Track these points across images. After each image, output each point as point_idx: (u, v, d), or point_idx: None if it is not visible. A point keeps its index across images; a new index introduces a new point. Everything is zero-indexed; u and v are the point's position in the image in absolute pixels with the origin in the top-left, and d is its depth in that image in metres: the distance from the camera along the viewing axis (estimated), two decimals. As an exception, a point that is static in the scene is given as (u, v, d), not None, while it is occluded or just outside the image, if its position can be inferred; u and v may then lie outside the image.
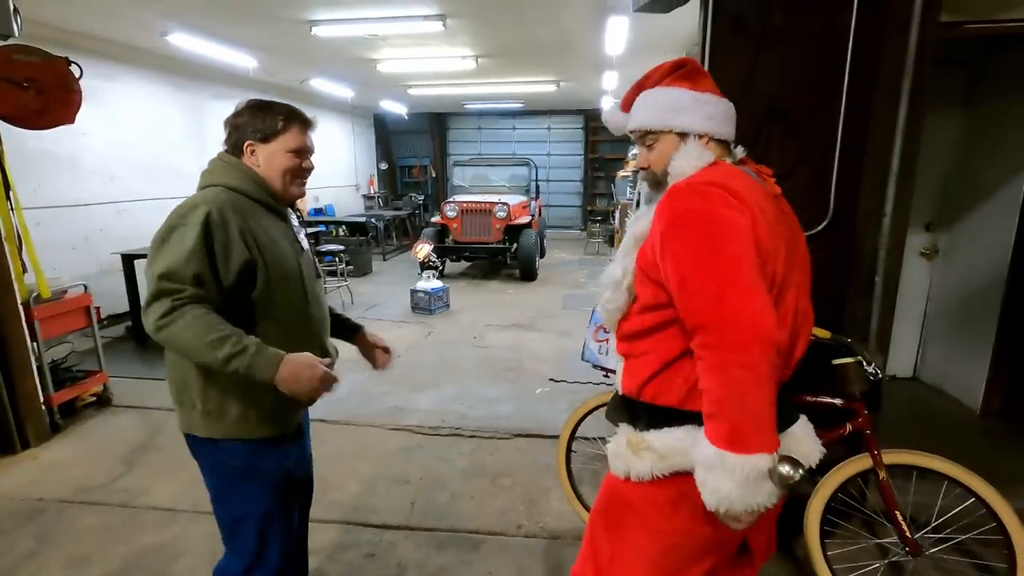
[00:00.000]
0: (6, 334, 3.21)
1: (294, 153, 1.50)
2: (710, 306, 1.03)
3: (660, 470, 1.19)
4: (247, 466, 1.51)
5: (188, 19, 5.07)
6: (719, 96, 1.26)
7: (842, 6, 2.21)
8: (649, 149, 1.29)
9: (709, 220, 1.07)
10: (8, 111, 2.98)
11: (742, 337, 1.00)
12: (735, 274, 1.03)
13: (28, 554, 2.45)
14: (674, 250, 1.09)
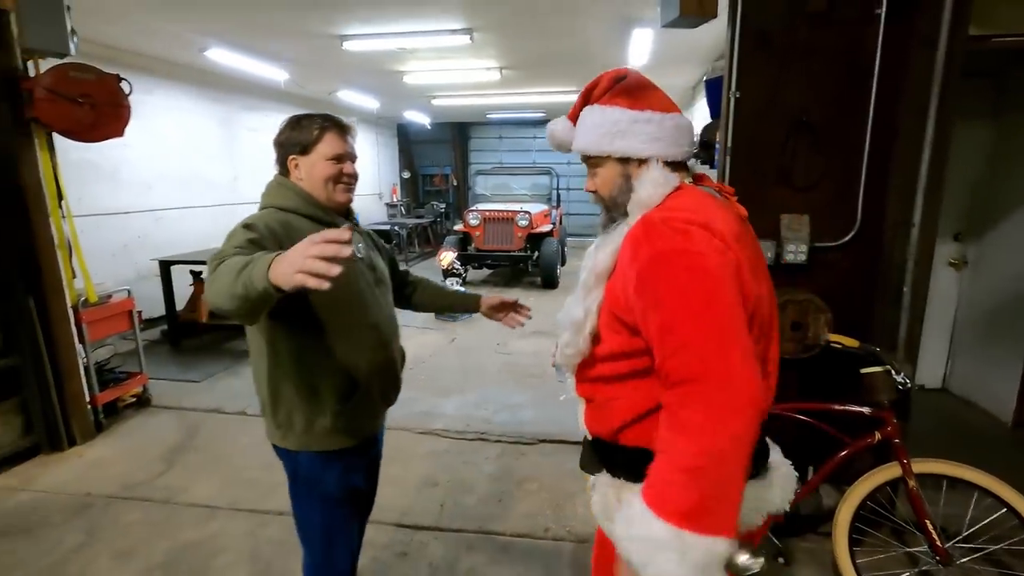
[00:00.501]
0: (56, 336, 3.38)
1: (334, 160, 1.52)
2: (708, 362, 0.89)
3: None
4: (312, 478, 1.57)
5: (226, 36, 5.28)
6: (664, 112, 1.11)
7: (868, 21, 2.25)
8: (595, 174, 1.18)
9: (697, 265, 0.94)
10: (64, 125, 3.15)
11: (739, 401, 0.88)
12: (734, 330, 0.92)
13: (78, 546, 2.57)
14: (658, 296, 0.95)
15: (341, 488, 1.59)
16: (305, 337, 1.46)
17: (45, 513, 2.82)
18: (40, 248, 3.26)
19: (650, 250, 0.97)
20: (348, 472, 1.60)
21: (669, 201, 1.05)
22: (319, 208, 1.53)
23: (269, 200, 1.53)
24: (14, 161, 3.12)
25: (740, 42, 2.37)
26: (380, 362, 1.59)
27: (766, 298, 1.07)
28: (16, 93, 3.06)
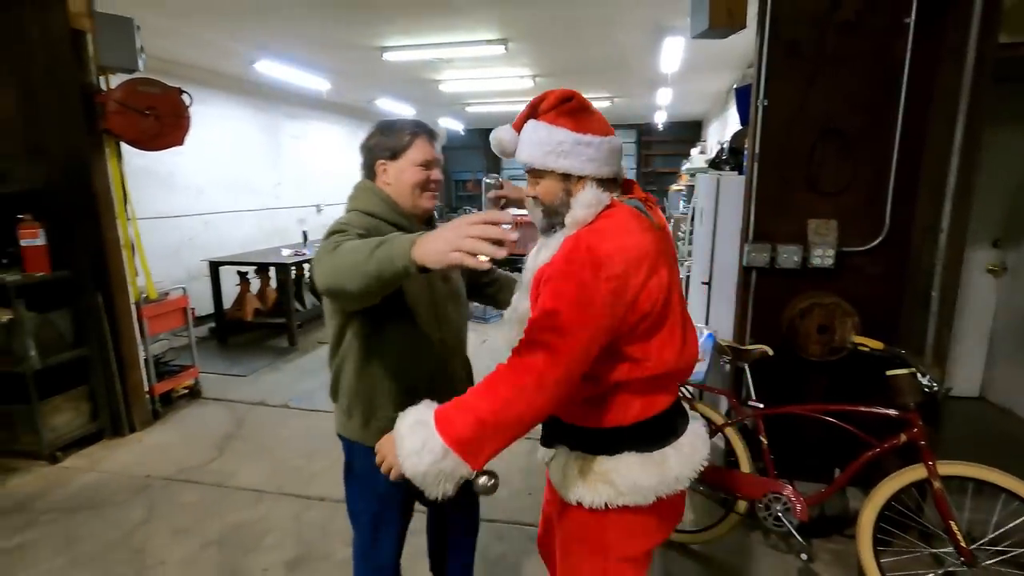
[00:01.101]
0: (120, 330, 3.65)
1: (422, 166, 1.53)
2: (538, 362, 1.06)
3: (615, 504, 1.23)
4: (365, 473, 1.61)
5: (275, 48, 5.57)
6: (602, 136, 1.23)
7: (898, 31, 2.30)
8: (537, 182, 1.28)
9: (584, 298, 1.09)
10: (132, 136, 3.43)
11: (539, 402, 1.06)
12: (573, 352, 1.07)
13: (140, 522, 2.80)
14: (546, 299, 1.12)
15: (392, 487, 1.57)
16: (371, 341, 1.51)
17: (110, 492, 3.06)
18: (108, 248, 3.54)
19: (562, 266, 1.13)
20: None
21: (599, 221, 1.19)
22: (403, 216, 1.54)
23: (356, 204, 1.55)
24: (88, 169, 3.40)
25: (769, 51, 2.44)
26: (441, 376, 1.62)
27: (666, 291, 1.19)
28: (91, 106, 3.34)
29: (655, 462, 1.25)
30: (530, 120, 1.27)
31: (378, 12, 4.49)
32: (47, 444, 3.31)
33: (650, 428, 1.26)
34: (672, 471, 1.25)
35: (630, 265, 1.12)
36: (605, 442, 1.25)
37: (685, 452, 1.29)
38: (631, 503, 1.24)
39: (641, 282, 1.13)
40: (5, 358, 3.25)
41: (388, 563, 1.73)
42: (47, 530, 2.73)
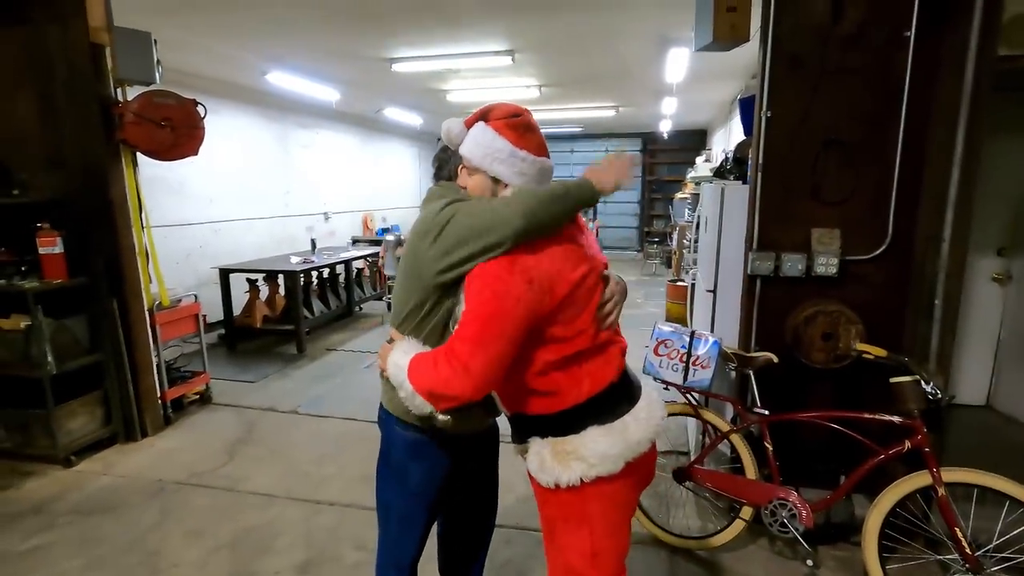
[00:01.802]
0: (134, 337, 3.72)
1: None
2: (464, 350, 1.23)
3: (589, 477, 1.34)
4: (399, 467, 1.61)
5: (287, 59, 5.68)
6: (536, 156, 1.37)
7: (898, 43, 2.34)
8: (468, 175, 1.43)
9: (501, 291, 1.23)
10: (148, 146, 3.51)
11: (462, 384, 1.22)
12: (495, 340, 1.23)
13: (154, 525, 2.84)
14: (468, 299, 1.28)
15: (424, 484, 1.64)
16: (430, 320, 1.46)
17: (124, 495, 3.12)
18: (123, 256, 3.62)
19: (483, 267, 1.27)
20: (435, 470, 1.63)
21: None
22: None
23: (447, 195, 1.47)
24: (105, 178, 3.49)
25: (772, 64, 2.49)
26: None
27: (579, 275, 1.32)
28: (109, 118, 3.43)
29: (617, 431, 1.36)
30: (480, 122, 1.40)
31: (388, 24, 4.58)
32: (62, 448, 3.37)
33: (605, 400, 1.37)
34: (634, 436, 1.37)
35: (542, 258, 1.27)
36: (569, 422, 1.36)
37: (642, 417, 1.40)
38: (604, 472, 1.34)
39: (556, 270, 1.27)
40: (23, 363, 3.32)
41: (408, 563, 1.73)
42: (63, 532, 2.78)
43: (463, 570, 1.98)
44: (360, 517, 2.88)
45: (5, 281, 3.32)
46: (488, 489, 1.92)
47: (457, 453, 1.67)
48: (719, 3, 2.50)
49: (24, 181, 3.48)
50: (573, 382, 1.35)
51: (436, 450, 1.62)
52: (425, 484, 1.65)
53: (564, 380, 1.35)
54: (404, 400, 1.36)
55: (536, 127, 1.41)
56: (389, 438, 1.65)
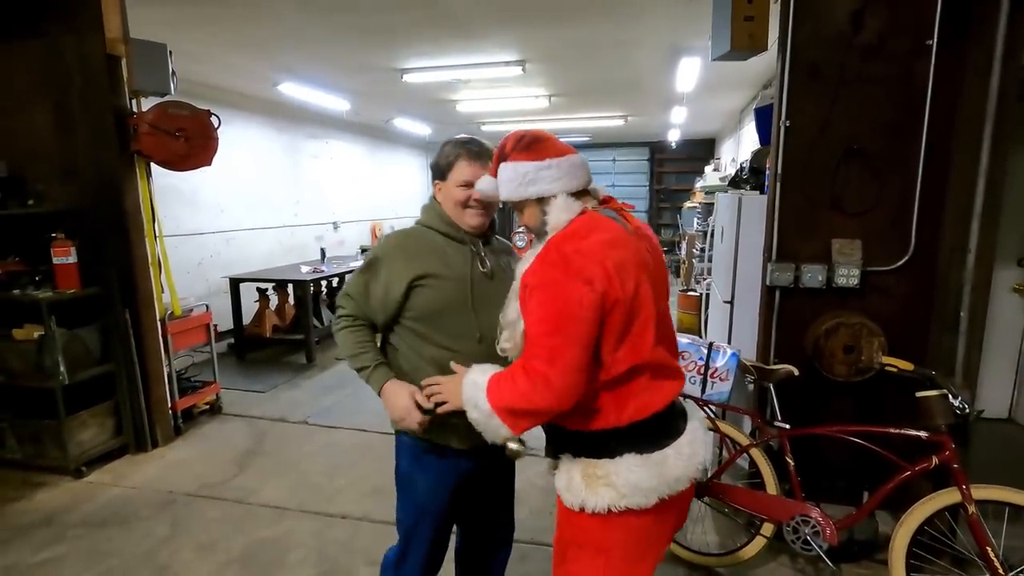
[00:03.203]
0: (146, 347, 3.71)
1: (464, 186, 1.61)
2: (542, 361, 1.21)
3: (617, 507, 1.27)
4: (405, 478, 1.71)
5: (299, 70, 5.71)
6: (560, 156, 1.36)
7: (920, 52, 2.32)
8: (520, 215, 1.45)
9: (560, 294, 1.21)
10: (162, 157, 3.53)
11: (544, 397, 1.20)
12: (568, 345, 1.20)
13: (165, 538, 2.82)
14: (532, 310, 1.25)
15: (427, 494, 1.68)
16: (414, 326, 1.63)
17: (135, 507, 3.09)
18: (136, 266, 3.62)
19: (540, 274, 1.26)
20: (439, 481, 1.66)
21: (571, 226, 1.30)
22: (452, 227, 1.66)
23: (421, 218, 1.73)
24: (119, 189, 3.50)
25: (790, 73, 2.46)
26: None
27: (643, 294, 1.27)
28: (124, 128, 3.45)
29: (655, 463, 1.29)
30: (501, 164, 1.42)
31: (401, 36, 4.60)
32: (73, 459, 3.35)
33: (647, 428, 1.31)
34: (672, 471, 1.30)
35: (594, 259, 1.23)
36: (604, 444, 1.31)
37: (685, 452, 1.33)
38: (633, 505, 1.28)
39: (609, 273, 1.22)
40: (35, 373, 3.32)
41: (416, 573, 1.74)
42: (74, 545, 2.76)
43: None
44: (373, 531, 2.85)
45: (19, 291, 3.33)
46: (504, 506, 1.91)
47: (466, 468, 1.68)
48: (737, 12, 2.49)
49: (39, 191, 3.50)
50: (617, 403, 1.30)
51: (440, 461, 1.66)
52: (430, 496, 1.68)
53: (608, 399, 1.30)
54: (475, 424, 1.32)
55: (543, 135, 1.41)
56: (398, 448, 1.74)
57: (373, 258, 1.65)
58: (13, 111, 3.53)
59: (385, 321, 1.66)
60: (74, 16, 3.36)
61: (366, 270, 1.65)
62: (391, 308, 1.62)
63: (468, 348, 1.60)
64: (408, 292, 1.59)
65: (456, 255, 1.65)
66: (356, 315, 1.66)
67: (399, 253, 1.63)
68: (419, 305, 1.61)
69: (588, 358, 1.23)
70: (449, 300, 1.61)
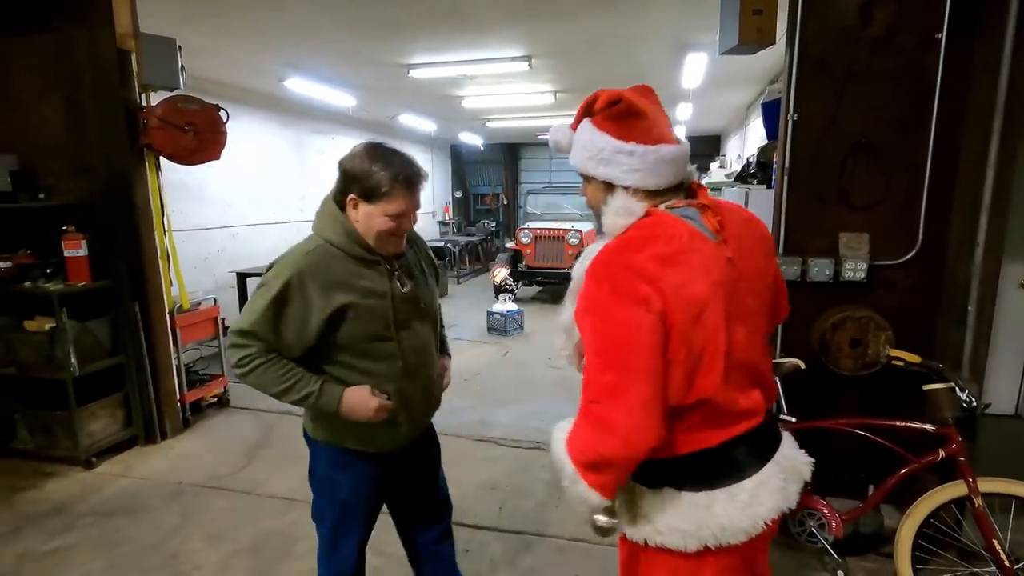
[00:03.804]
0: (155, 340, 3.74)
1: (392, 217, 1.51)
2: (606, 403, 1.04)
3: (655, 543, 1.15)
4: (327, 479, 1.71)
5: (305, 65, 5.73)
6: (648, 144, 1.12)
7: (928, 46, 2.31)
8: (585, 186, 1.25)
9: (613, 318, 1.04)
10: (171, 151, 3.55)
11: (613, 445, 1.03)
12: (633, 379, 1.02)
13: (174, 528, 2.85)
14: (585, 340, 1.10)
15: (351, 494, 1.71)
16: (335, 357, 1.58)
17: (144, 497, 3.13)
18: (146, 259, 3.65)
19: (586, 296, 1.09)
20: (362, 481, 1.71)
21: (629, 232, 1.11)
22: (366, 250, 1.55)
23: (320, 228, 1.58)
24: (129, 182, 3.53)
25: (798, 67, 2.46)
26: (405, 390, 1.65)
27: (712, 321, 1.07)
28: (134, 123, 3.47)
29: (698, 504, 1.12)
30: (584, 119, 1.20)
31: (408, 30, 4.61)
32: (83, 450, 3.39)
33: (694, 465, 1.13)
34: (718, 518, 1.10)
35: (646, 278, 1.03)
36: (648, 474, 1.16)
37: (740, 500, 1.12)
38: (671, 545, 1.13)
39: (664, 295, 1.02)
40: (47, 365, 3.35)
41: (349, 567, 1.78)
42: (85, 534, 2.79)
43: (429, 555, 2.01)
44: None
45: (31, 283, 3.36)
46: (431, 487, 1.95)
47: (385, 467, 1.74)
48: (745, 6, 2.49)
49: (50, 185, 3.54)
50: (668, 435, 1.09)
51: (360, 462, 1.69)
52: (353, 493, 1.71)
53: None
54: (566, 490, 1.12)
55: (642, 109, 1.14)
56: (313, 455, 1.74)
57: (280, 289, 1.47)
58: (24, 105, 3.56)
59: (301, 354, 1.54)
60: (85, 11, 3.39)
61: (271, 305, 1.47)
62: (307, 342, 1.52)
63: (391, 372, 1.61)
64: (326, 325, 1.50)
65: (373, 278, 1.56)
66: (262, 351, 1.51)
67: (311, 281, 1.49)
68: (340, 337, 1.53)
69: (657, 391, 1.02)
70: (370, 329, 1.55)
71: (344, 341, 1.55)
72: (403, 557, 1.99)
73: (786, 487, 1.17)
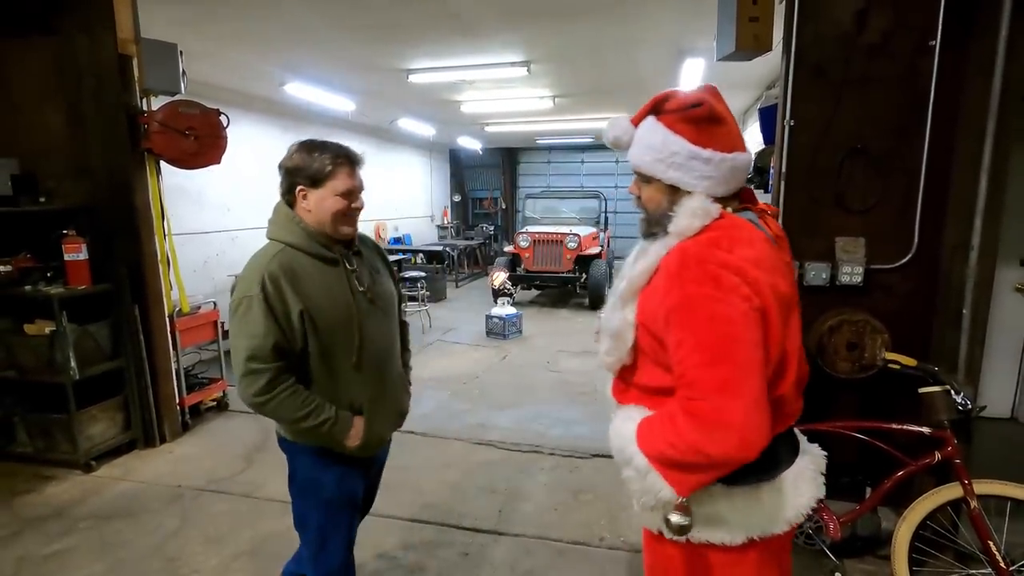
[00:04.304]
0: (154, 344, 3.75)
1: (343, 196, 1.56)
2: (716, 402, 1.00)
3: (700, 540, 1.14)
4: (309, 478, 1.71)
5: (304, 70, 5.75)
6: (724, 152, 1.11)
7: (923, 51, 2.34)
8: (640, 186, 1.23)
9: (721, 314, 1.01)
10: (172, 155, 3.57)
11: (727, 445, 0.99)
12: (744, 375, 1.00)
13: (174, 531, 2.85)
14: (684, 335, 1.04)
15: (337, 491, 1.71)
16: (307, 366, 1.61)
17: (144, 500, 3.13)
18: (146, 263, 3.66)
19: (681, 293, 1.05)
20: (344, 478, 1.72)
21: (707, 232, 1.09)
22: (323, 246, 1.60)
23: (277, 233, 1.61)
24: (130, 187, 3.54)
25: (795, 73, 2.49)
26: (377, 392, 1.71)
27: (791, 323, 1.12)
28: (135, 127, 3.49)
29: (745, 495, 1.13)
30: (649, 117, 1.17)
31: (407, 36, 4.63)
32: (83, 453, 3.39)
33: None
34: (766, 509, 1.13)
35: (746, 278, 1.03)
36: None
37: (784, 490, 1.15)
38: (717, 541, 1.14)
39: (763, 294, 1.03)
40: (47, 368, 3.36)
41: (338, 566, 1.78)
42: (85, 537, 2.79)
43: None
44: (377, 525, 2.87)
45: (31, 286, 3.37)
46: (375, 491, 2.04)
47: (363, 466, 1.79)
48: (742, 13, 2.51)
49: (51, 189, 3.55)
50: None
51: (341, 460, 1.71)
52: (339, 490, 1.73)
53: None
54: (628, 483, 1.14)
55: (724, 116, 1.13)
56: (292, 460, 1.74)
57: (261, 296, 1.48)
58: (26, 109, 3.58)
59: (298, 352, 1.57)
60: (87, 16, 3.41)
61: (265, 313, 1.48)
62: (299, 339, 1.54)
63: (355, 371, 1.64)
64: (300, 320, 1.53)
65: (333, 280, 1.60)
66: (280, 371, 1.52)
67: (282, 281, 1.51)
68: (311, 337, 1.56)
69: (765, 388, 1.02)
70: (334, 333, 1.58)
71: (313, 345, 1.57)
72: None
73: (817, 477, 1.23)
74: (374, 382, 1.71)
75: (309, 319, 1.53)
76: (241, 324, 1.51)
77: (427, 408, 4.43)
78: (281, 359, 1.52)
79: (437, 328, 7.18)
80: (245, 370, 1.51)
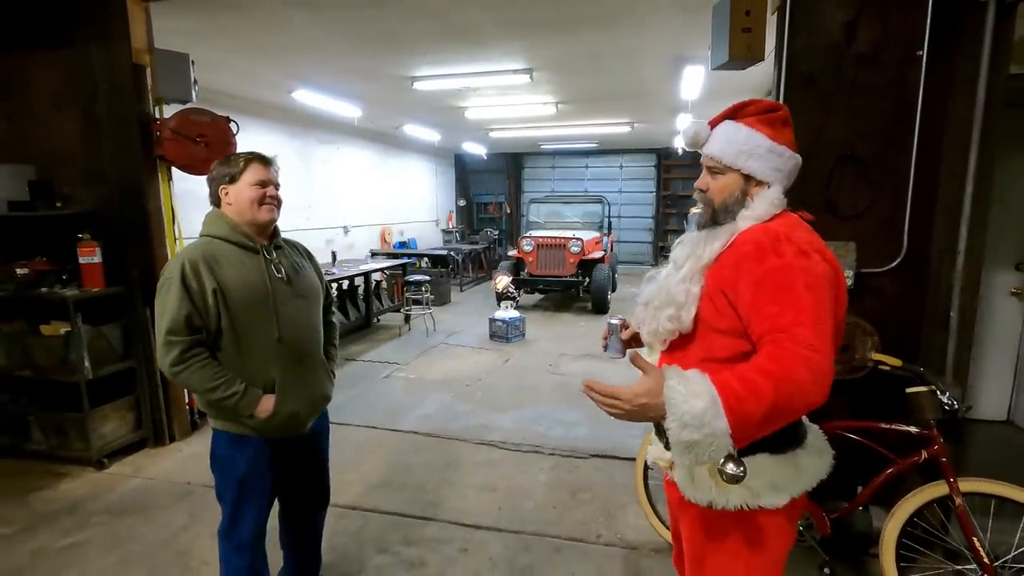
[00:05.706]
0: (165, 343, 3.84)
1: (257, 185, 1.82)
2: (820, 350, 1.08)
3: (751, 505, 1.24)
4: (225, 457, 1.90)
5: (313, 78, 5.89)
6: (793, 151, 1.32)
7: (910, 62, 2.41)
8: (713, 177, 1.35)
9: (813, 283, 1.15)
10: (183, 162, 3.68)
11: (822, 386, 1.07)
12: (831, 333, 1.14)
13: (184, 526, 2.93)
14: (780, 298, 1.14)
15: (249, 471, 1.88)
16: (220, 343, 1.79)
17: (154, 497, 3.22)
18: (157, 266, 3.75)
19: (778, 261, 1.17)
20: (257, 458, 1.89)
21: (778, 221, 1.27)
22: (245, 236, 1.83)
23: (206, 229, 1.86)
24: (142, 192, 3.65)
25: (787, 82, 2.56)
26: (292, 373, 1.87)
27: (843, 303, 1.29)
28: (148, 134, 3.60)
29: (789, 462, 1.28)
30: (728, 120, 1.35)
31: (412, 45, 4.75)
32: (95, 451, 3.49)
33: (786, 432, 1.23)
34: (807, 469, 1.30)
35: (824, 252, 1.23)
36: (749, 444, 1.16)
37: (816, 448, 1.36)
38: (767, 505, 1.25)
39: (837, 272, 1.22)
40: (62, 368, 3.46)
41: (248, 541, 1.95)
42: (97, 531, 2.88)
43: (300, 541, 2.26)
44: (382, 521, 2.95)
45: (47, 288, 3.48)
46: (318, 472, 2.17)
47: (278, 449, 1.92)
48: (735, 24, 2.59)
49: (66, 194, 3.66)
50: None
51: (256, 440, 1.87)
52: (250, 470, 1.88)
53: None
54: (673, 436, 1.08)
55: (791, 122, 1.36)
56: (214, 438, 1.94)
57: (179, 277, 1.70)
58: (43, 117, 3.70)
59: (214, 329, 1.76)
60: (102, 27, 3.53)
61: (181, 294, 1.69)
62: (215, 316, 1.74)
63: (268, 348, 1.81)
64: (214, 298, 1.73)
65: (252, 266, 1.81)
66: (194, 344, 1.72)
67: (200, 264, 1.73)
68: (223, 318, 1.75)
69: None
70: (249, 311, 1.77)
71: (226, 322, 1.76)
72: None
73: (825, 443, 1.44)
74: (290, 363, 1.87)
75: (222, 296, 1.73)
76: (161, 301, 1.73)
77: (430, 409, 4.51)
78: (194, 333, 1.73)
79: (441, 331, 7.26)
80: (163, 341, 1.72)
